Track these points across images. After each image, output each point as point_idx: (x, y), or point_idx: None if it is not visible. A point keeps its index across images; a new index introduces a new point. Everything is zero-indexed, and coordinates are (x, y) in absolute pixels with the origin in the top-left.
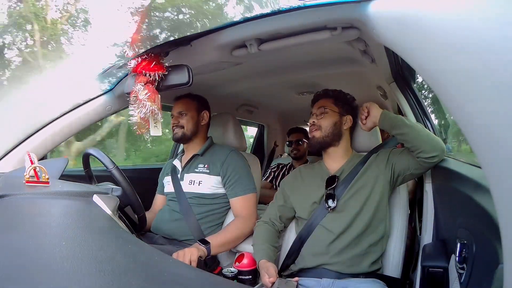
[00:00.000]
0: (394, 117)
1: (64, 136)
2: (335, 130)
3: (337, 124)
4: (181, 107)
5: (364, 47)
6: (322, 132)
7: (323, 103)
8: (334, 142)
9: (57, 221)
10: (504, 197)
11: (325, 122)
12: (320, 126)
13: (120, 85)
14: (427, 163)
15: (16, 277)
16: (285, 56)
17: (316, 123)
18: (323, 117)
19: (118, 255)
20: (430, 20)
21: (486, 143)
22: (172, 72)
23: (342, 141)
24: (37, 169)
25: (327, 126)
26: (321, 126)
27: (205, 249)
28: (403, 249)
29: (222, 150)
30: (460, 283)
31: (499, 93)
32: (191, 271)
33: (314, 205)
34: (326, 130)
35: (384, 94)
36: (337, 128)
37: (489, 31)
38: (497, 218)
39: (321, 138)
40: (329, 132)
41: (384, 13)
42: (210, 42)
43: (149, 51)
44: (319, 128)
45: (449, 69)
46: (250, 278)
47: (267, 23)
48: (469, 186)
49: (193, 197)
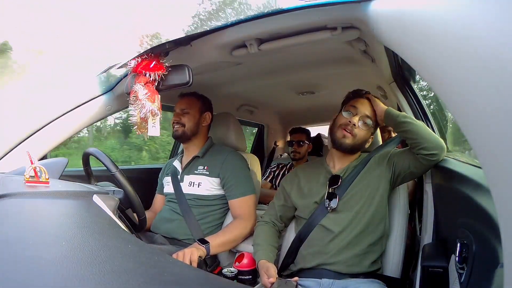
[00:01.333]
0: (397, 113)
1: (64, 136)
2: (364, 143)
3: (368, 137)
4: (185, 104)
5: (364, 47)
6: (356, 140)
7: (368, 111)
8: (358, 150)
9: (57, 221)
10: (504, 197)
11: (363, 134)
12: (356, 134)
13: (120, 85)
14: (427, 161)
15: (16, 278)
16: (285, 56)
17: (355, 129)
18: (365, 130)
19: (118, 255)
20: (430, 20)
21: (486, 143)
22: (172, 72)
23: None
24: (37, 169)
25: (362, 138)
26: (357, 135)
27: (205, 248)
28: (403, 249)
29: (221, 151)
30: (460, 283)
31: (499, 93)
32: (191, 271)
33: (315, 204)
34: (358, 141)
35: (384, 94)
36: (367, 140)
37: (489, 31)
38: (497, 218)
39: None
40: (359, 144)
41: (384, 13)
42: (210, 42)
43: (149, 51)
44: (354, 135)
45: (449, 69)
46: (250, 278)
47: (267, 23)
48: (469, 186)
49: (192, 199)
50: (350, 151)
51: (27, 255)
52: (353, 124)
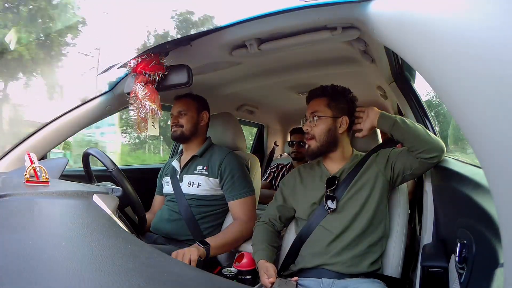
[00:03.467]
0: (392, 117)
1: (64, 136)
2: (330, 138)
3: (331, 130)
4: (181, 106)
5: (364, 47)
6: (317, 141)
7: (315, 107)
8: (330, 149)
9: (57, 221)
10: (504, 197)
11: (318, 129)
12: (314, 135)
13: (120, 85)
14: (427, 163)
15: (16, 278)
16: (285, 56)
17: (310, 131)
18: (316, 124)
19: (118, 255)
20: (430, 20)
21: (486, 143)
22: (172, 72)
23: (339, 145)
24: (37, 169)
25: (321, 135)
26: (315, 135)
27: (205, 250)
28: (403, 249)
29: (220, 152)
30: (460, 283)
31: (499, 92)
32: (191, 271)
33: (314, 205)
34: (320, 139)
35: (384, 94)
36: (332, 134)
37: (490, 31)
38: (497, 218)
39: (317, 148)
40: (323, 140)
41: (384, 13)
42: (210, 42)
43: (149, 51)
44: (313, 137)
45: (449, 69)
46: (250, 278)
47: (267, 23)
48: (469, 186)
49: (192, 199)
50: (327, 150)
51: (27, 255)
52: (306, 130)
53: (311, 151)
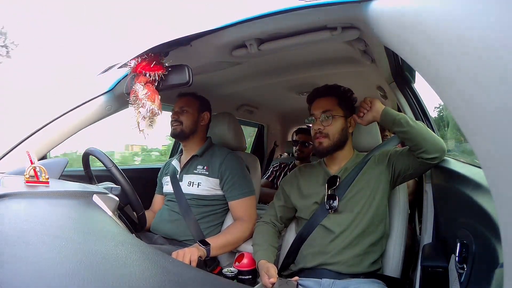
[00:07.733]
0: (396, 114)
1: (64, 136)
2: (342, 137)
3: (344, 129)
4: (183, 103)
5: (364, 47)
6: (331, 140)
7: (327, 106)
8: (340, 147)
9: (57, 221)
10: (504, 197)
11: (333, 128)
12: (327, 134)
13: (120, 85)
14: (428, 164)
15: (15, 278)
16: (285, 56)
17: (323, 130)
18: (331, 123)
19: (117, 255)
20: (430, 20)
21: (486, 143)
22: (172, 72)
23: (347, 144)
24: (37, 169)
25: (335, 133)
26: (329, 134)
27: (205, 250)
28: (403, 249)
29: (220, 152)
30: (460, 283)
31: (499, 92)
32: (191, 271)
33: (315, 205)
34: (334, 138)
35: (384, 94)
36: (344, 133)
37: (490, 31)
38: (497, 218)
39: (330, 146)
40: (337, 139)
41: (385, 13)
42: (210, 42)
43: (149, 51)
44: (326, 136)
45: (449, 69)
46: (250, 278)
47: (267, 23)
48: (469, 186)
49: (192, 198)
50: (336, 149)
51: (27, 255)
52: (319, 130)
53: (323, 149)
